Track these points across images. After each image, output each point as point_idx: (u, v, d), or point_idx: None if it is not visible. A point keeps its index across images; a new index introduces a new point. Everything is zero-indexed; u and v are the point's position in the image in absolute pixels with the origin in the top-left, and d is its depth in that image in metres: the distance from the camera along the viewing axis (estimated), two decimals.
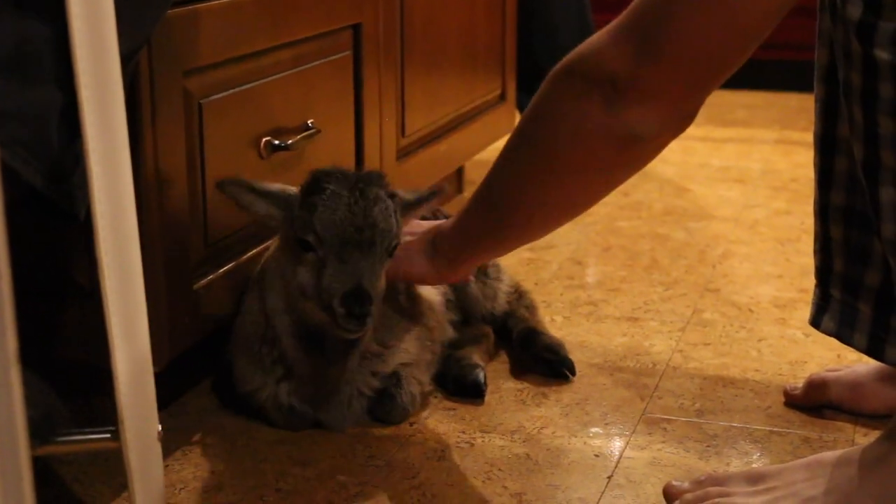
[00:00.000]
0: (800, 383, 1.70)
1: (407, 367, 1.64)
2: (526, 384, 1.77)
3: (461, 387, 1.72)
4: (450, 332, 1.82)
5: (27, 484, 0.96)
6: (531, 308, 1.93)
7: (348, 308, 1.43)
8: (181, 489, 1.46)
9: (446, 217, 1.90)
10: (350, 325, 1.45)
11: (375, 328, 1.59)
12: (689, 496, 1.39)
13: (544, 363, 1.80)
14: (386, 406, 1.61)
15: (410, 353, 1.65)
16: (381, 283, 1.50)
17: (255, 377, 1.60)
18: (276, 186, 1.54)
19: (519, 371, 1.82)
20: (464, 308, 1.88)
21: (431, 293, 1.76)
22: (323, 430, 1.60)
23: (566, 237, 2.50)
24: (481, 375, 1.72)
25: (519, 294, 1.95)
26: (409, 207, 1.59)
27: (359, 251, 1.46)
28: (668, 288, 2.19)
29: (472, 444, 1.58)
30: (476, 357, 1.78)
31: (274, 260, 1.59)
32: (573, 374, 1.79)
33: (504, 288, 1.93)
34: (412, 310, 1.69)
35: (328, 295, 1.46)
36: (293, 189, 1.54)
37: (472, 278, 1.87)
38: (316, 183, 1.51)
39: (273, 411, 1.61)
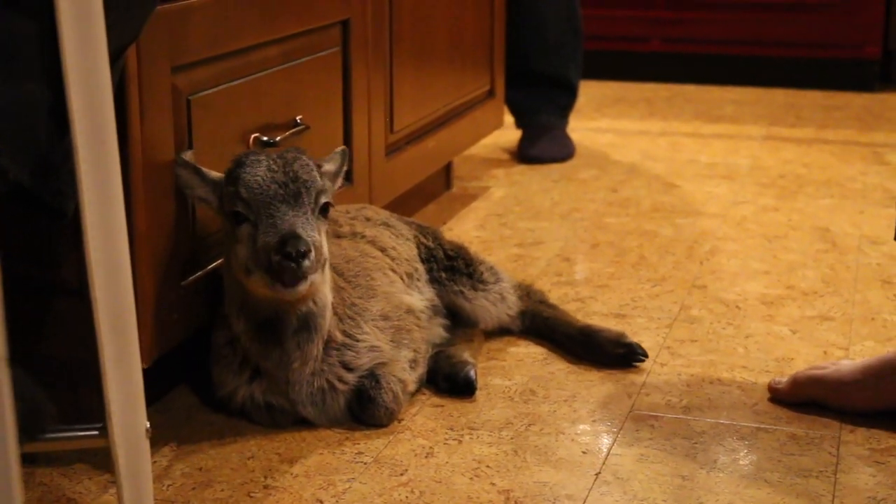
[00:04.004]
0: (784, 378, 1.71)
1: (384, 367, 1.63)
2: (514, 381, 1.77)
3: (453, 384, 1.72)
4: (439, 333, 1.82)
5: (15, 479, 0.96)
6: (546, 301, 1.95)
7: (284, 253, 1.44)
8: (169, 485, 1.46)
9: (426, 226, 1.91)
10: (288, 274, 1.45)
11: (339, 318, 1.60)
12: None
13: (617, 358, 1.82)
14: (368, 409, 1.61)
15: (384, 350, 1.64)
16: (320, 240, 1.50)
17: (228, 381, 1.61)
18: (217, 175, 1.56)
19: (507, 369, 1.82)
20: (475, 323, 1.88)
21: (409, 297, 1.76)
22: (310, 426, 1.61)
23: (554, 234, 2.51)
24: (472, 372, 1.72)
25: (526, 289, 1.95)
26: (334, 175, 1.63)
27: (286, 205, 1.49)
28: (655, 284, 2.20)
29: (461, 442, 1.58)
30: (467, 355, 1.78)
31: (224, 264, 1.59)
32: (646, 356, 1.82)
33: (508, 287, 1.93)
34: (376, 306, 1.69)
35: (265, 250, 1.47)
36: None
37: (464, 289, 1.87)
38: (237, 161, 1.54)
39: (252, 412, 1.61)
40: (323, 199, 1.53)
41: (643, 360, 1.82)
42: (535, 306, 1.93)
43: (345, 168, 1.67)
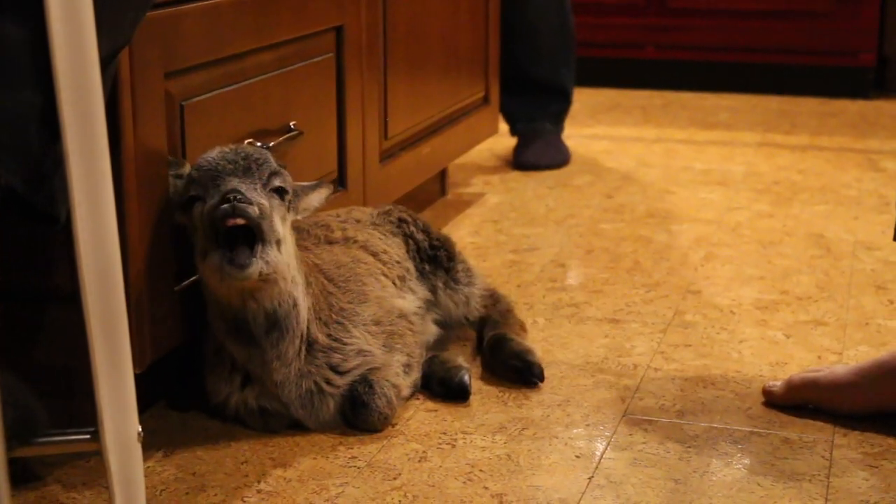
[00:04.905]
0: (778, 381, 1.71)
1: (377, 372, 1.63)
2: (508, 385, 1.77)
3: (447, 388, 1.72)
4: (432, 331, 1.83)
5: (3, 484, 0.96)
6: (506, 313, 1.92)
7: (223, 200, 1.44)
8: (162, 490, 1.46)
9: (417, 223, 1.91)
10: (225, 209, 1.43)
11: (324, 322, 1.60)
12: None
13: (512, 370, 1.79)
14: (362, 414, 1.61)
15: (375, 354, 1.64)
16: (269, 209, 1.48)
17: (221, 389, 1.61)
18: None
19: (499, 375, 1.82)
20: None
21: (402, 301, 1.76)
22: (304, 431, 1.61)
23: (549, 240, 2.51)
24: (467, 377, 1.72)
25: (495, 298, 1.94)
26: (308, 188, 1.62)
27: (234, 176, 1.49)
28: (650, 290, 2.20)
29: (454, 446, 1.58)
30: (461, 359, 1.78)
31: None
32: (541, 379, 1.77)
33: (477, 292, 1.92)
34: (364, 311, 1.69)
35: (209, 213, 1.47)
36: None
37: (438, 284, 1.87)
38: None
39: (247, 417, 1.62)
40: (276, 182, 1.52)
41: (536, 384, 1.76)
42: (492, 313, 1.92)
43: (322, 196, 1.65)
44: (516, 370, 1.78)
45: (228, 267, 1.46)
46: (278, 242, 1.50)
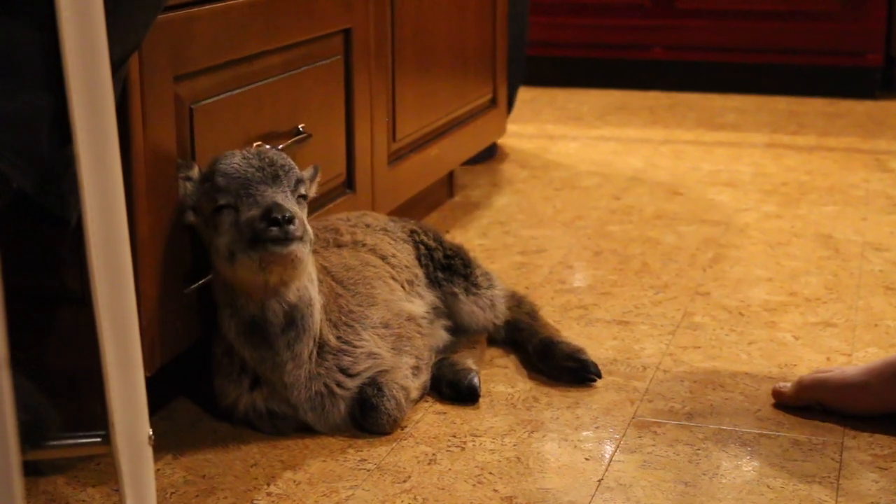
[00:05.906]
0: (788, 382, 1.71)
1: (386, 374, 1.63)
2: (517, 388, 1.77)
3: (457, 391, 1.72)
4: (442, 337, 1.83)
5: (17, 488, 0.96)
6: (533, 314, 1.93)
7: (270, 219, 1.45)
8: (172, 493, 1.47)
9: (425, 231, 1.91)
10: (276, 234, 1.45)
11: (333, 324, 1.60)
12: None
13: (568, 371, 1.79)
14: (371, 417, 1.61)
15: (384, 357, 1.64)
16: (303, 217, 1.50)
17: (229, 391, 1.61)
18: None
19: (510, 375, 1.82)
20: (460, 325, 1.88)
21: (410, 305, 1.76)
22: (313, 433, 1.61)
23: (557, 241, 2.51)
24: (476, 379, 1.72)
25: (517, 299, 1.95)
26: (308, 180, 1.62)
27: (265, 185, 1.50)
28: (658, 291, 2.20)
29: (463, 448, 1.58)
30: (470, 361, 1.78)
31: (212, 272, 1.60)
32: (599, 376, 1.78)
33: (500, 294, 1.92)
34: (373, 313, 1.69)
35: (248, 223, 1.47)
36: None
37: (457, 290, 1.87)
38: (211, 161, 1.55)
39: (256, 420, 1.62)
40: (302, 190, 1.54)
41: (594, 381, 1.78)
42: (520, 316, 1.92)
43: (316, 181, 1.66)
44: (572, 371, 1.79)
45: (270, 246, 1.46)
46: (311, 243, 1.52)
